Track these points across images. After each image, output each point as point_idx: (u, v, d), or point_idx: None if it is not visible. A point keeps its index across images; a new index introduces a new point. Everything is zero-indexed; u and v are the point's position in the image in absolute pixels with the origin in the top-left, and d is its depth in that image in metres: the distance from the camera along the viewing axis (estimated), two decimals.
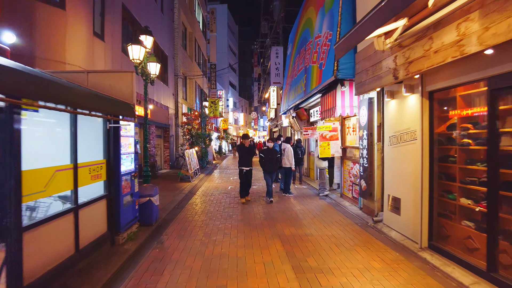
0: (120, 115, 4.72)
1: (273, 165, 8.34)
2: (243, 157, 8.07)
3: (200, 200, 8.56)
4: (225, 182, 11.87)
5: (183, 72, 19.34)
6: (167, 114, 15.67)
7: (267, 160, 8.30)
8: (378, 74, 5.07)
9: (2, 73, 2.32)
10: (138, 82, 7.39)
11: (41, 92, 2.77)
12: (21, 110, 2.76)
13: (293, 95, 11.28)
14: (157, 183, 11.12)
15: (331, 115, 7.32)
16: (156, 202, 6.07)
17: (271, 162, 8.29)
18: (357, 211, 7.00)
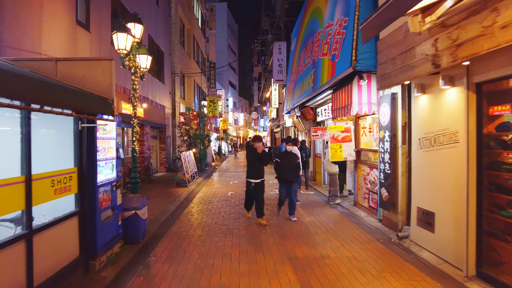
0: (96, 113, 3.83)
1: (293, 173, 6.63)
2: (253, 165, 6.42)
3: (197, 209, 7.67)
4: (225, 187, 10.98)
5: (181, 70, 18.45)
6: (163, 114, 14.79)
7: (285, 166, 6.59)
8: (409, 63, 4.19)
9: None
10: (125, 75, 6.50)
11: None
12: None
13: (298, 93, 10.40)
14: (150, 188, 10.24)
15: (345, 114, 6.44)
16: (144, 215, 5.18)
17: (290, 169, 6.60)
18: (376, 224, 6.12)
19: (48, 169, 3.20)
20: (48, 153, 3.47)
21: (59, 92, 3.03)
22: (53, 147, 3.71)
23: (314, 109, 10.59)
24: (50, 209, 3.35)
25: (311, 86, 8.43)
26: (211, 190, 10.40)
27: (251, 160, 6.48)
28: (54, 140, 3.79)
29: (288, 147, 6.92)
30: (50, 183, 3.22)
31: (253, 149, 6.41)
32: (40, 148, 3.15)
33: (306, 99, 9.18)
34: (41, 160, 3.08)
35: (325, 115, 9.48)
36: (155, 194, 9.30)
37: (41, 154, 3.16)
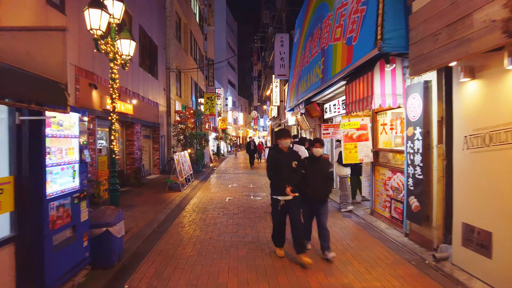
0: (42, 102, 2.81)
1: (325, 188, 4.53)
2: (278, 173, 4.33)
3: (190, 219, 6.64)
4: (223, 191, 9.95)
5: (177, 66, 17.43)
6: (157, 112, 13.76)
7: (313, 178, 4.45)
8: (462, 36, 3.17)
9: None
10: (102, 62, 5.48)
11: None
12: None
13: (303, 87, 9.39)
14: (139, 193, 9.21)
15: (363, 108, 5.42)
16: (119, 232, 4.15)
17: (321, 182, 4.49)
18: (402, 239, 5.10)
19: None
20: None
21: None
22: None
23: (321, 105, 9.58)
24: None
25: (319, 78, 7.42)
26: (207, 195, 9.37)
27: (274, 164, 4.38)
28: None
29: (316, 151, 4.64)
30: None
31: (279, 151, 4.43)
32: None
33: (313, 93, 8.16)
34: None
35: (334, 111, 8.47)
36: (143, 200, 8.28)
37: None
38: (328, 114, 9.11)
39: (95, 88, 7.78)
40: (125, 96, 9.98)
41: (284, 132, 4.51)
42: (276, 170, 4.36)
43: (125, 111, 9.74)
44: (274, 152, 4.56)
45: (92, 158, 7.72)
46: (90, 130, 7.64)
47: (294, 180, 4.28)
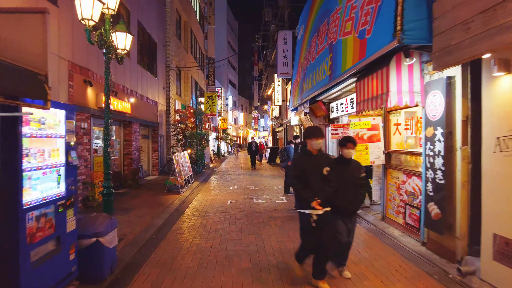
0: (17, 94, 2.42)
1: (354, 195, 3.79)
2: (306, 182, 3.45)
3: (189, 224, 6.24)
4: (224, 193, 9.55)
5: (177, 64, 17.04)
6: (156, 111, 13.36)
7: (344, 183, 3.63)
8: (502, 23, 2.77)
9: None
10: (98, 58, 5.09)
11: None
12: None
13: (308, 85, 8.99)
14: (137, 195, 8.81)
15: (377, 106, 5.02)
16: (111, 242, 3.75)
17: (353, 189, 3.75)
18: (419, 248, 4.70)
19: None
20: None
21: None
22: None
23: (326, 104, 9.18)
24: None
25: (327, 75, 7.02)
26: (208, 197, 8.97)
27: (303, 171, 3.46)
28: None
29: (348, 152, 3.80)
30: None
31: (307, 154, 3.58)
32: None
33: (319, 91, 7.76)
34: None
35: (341, 110, 8.07)
36: (141, 203, 7.87)
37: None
38: (334, 113, 8.71)
39: (90, 85, 7.39)
40: (122, 94, 9.58)
41: (315, 130, 3.58)
42: (303, 179, 3.43)
43: (122, 110, 9.34)
44: (301, 156, 3.62)
45: (87, 159, 7.32)
46: (85, 130, 7.24)
47: (326, 192, 3.41)
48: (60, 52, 6.30)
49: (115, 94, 8.86)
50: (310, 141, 3.56)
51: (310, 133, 3.57)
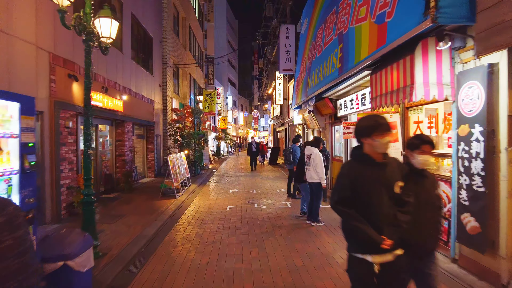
0: None
1: (432, 224, 2.46)
2: (366, 207, 2.10)
3: (184, 234, 5.58)
4: (223, 198, 8.88)
5: (174, 62, 16.37)
6: (152, 109, 12.69)
7: (417, 207, 2.31)
8: None
9: None
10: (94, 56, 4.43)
11: None
12: None
13: (314, 81, 8.33)
14: (129, 200, 8.14)
15: (399, 101, 4.35)
16: (85, 265, 3.08)
17: (427, 213, 2.41)
18: (449, 266, 4.03)
19: None
20: None
21: None
22: None
23: (333, 101, 8.51)
24: None
25: (336, 68, 6.35)
26: (206, 202, 8.30)
27: (363, 197, 2.11)
28: None
29: (423, 160, 2.46)
30: None
31: (366, 162, 2.16)
32: None
33: (327, 86, 7.10)
34: None
35: (350, 107, 7.40)
36: (132, 209, 7.21)
37: None
38: (342, 111, 8.04)
39: (76, 80, 6.72)
40: (114, 91, 8.91)
41: (379, 121, 2.15)
42: (361, 202, 2.11)
43: (114, 108, 8.68)
44: (354, 166, 2.21)
45: (72, 161, 6.65)
46: (70, 129, 6.57)
47: (400, 224, 2.13)
48: (39, 41, 5.62)
49: (105, 91, 8.19)
50: (370, 140, 2.13)
51: (370, 127, 2.14)
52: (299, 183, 6.62)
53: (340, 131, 9.32)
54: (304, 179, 6.20)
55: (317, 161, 5.80)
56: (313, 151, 5.92)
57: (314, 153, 5.88)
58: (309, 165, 5.98)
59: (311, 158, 5.87)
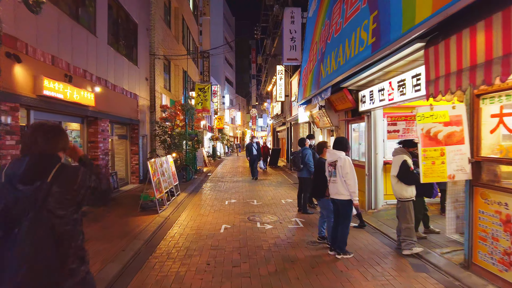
0: None
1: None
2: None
3: (158, 277, 3.92)
4: (217, 212, 7.25)
5: (165, 54, 14.72)
6: (136, 105, 11.03)
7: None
8: None
9: None
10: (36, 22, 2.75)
11: None
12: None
13: (330, 68, 6.73)
14: (100, 216, 6.46)
15: (489, 80, 2.75)
16: None
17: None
18: None
19: None
20: None
21: None
22: None
23: (354, 92, 6.90)
24: None
25: (368, 45, 4.75)
26: (195, 219, 6.66)
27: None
28: None
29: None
30: None
31: None
32: None
33: (351, 71, 5.48)
34: None
35: (379, 99, 5.79)
36: (99, 231, 5.56)
37: None
38: (366, 104, 6.43)
39: (18, 62, 5.05)
40: (82, 80, 7.26)
41: None
42: None
43: (82, 102, 7.02)
44: None
45: None
46: (9, 126, 4.90)
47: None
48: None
49: (69, 80, 6.53)
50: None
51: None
52: (318, 198, 5.00)
53: (360, 129, 7.72)
54: (326, 194, 4.59)
55: (347, 170, 4.17)
56: (339, 156, 4.29)
57: (341, 159, 4.26)
58: (333, 176, 4.35)
59: (338, 166, 4.25)
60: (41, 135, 1.70)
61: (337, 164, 4.26)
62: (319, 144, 5.22)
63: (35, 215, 1.52)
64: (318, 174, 4.93)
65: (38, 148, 1.69)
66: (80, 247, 1.73)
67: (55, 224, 1.58)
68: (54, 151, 1.74)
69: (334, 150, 4.38)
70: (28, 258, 1.47)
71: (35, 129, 1.74)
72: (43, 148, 1.69)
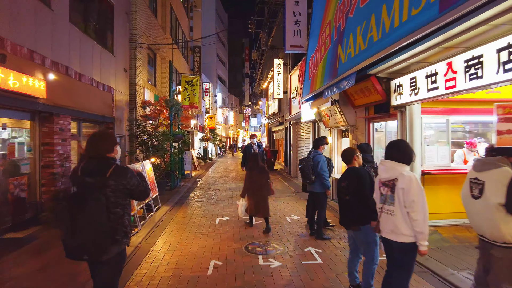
0: None
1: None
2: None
3: None
4: (204, 237, 5.60)
5: (149, 44, 12.99)
6: (110, 100, 9.29)
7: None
8: None
9: None
10: None
11: None
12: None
13: (353, 48, 5.15)
14: (48, 244, 4.75)
15: None
16: None
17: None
18: None
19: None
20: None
21: None
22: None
23: (384, 80, 5.31)
24: None
25: (431, 2, 3.16)
26: (174, 249, 4.99)
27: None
28: None
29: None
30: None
31: None
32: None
33: (394, 48, 3.89)
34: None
35: (427, 88, 4.20)
36: (39, 271, 3.87)
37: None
38: (404, 97, 4.85)
39: None
40: (27, 63, 5.54)
41: None
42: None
43: (27, 91, 5.32)
44: None
45: None
46: None
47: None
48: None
49: (1, 59, 4.80)
50: None
51: None
52: (353, 228, 3.39)
53: (387, 129, 6.16)
54: (373, 226, 2.98)
55: (414, 196, 2.55)
56: (401, 172, 2.67)
57: (405, 179, 2.62)
58: (389, 203, 2.74)
59: (398, 189, 2.63)
60: (90, 142, 2.44)
61: (397, 185, 2.65)
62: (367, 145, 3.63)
63: (97, 198, 2.23)
64: (355, 195, 3.33)
65: (90, 152, 2.40)
66: (125, 225, 2.39)
67: (109, 206, 2.29)
68: (102, 154, 2.42)
69: (393, 162, 2.76)
70: (91, 224, 2.18)
71: (89, 137, 2.52)
72: (94, 151, 2.40)
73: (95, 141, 2.45)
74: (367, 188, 3.27)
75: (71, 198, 2.29)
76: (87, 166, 2.35)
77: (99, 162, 2.38)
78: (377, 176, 2.96)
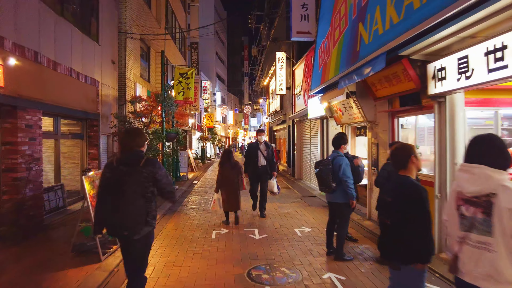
0: None
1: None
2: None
3: None
4: (197, 257, 4.59)
5: (140, 34, 11.98)
6: (95, 95, 8.27)
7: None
8: None
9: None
10: None
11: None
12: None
13: (380, 24, 4.16)
14: (4, 265, 3.73)
15: None
16: None
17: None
18: None
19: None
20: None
21: None
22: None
23: (420, 64, 4.29)
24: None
25: None
26: (159, 276, 3.98)
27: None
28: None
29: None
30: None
31: None
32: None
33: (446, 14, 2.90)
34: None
35: (488, 68, 3.20)
36: None
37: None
38: (446, 83, 3.84)
39: None
40: None
41: None
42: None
43: None
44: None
45: None
46: None
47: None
48: None
49: None
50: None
51: None
52: (390, 265, 2.37)
53: (418, 125, 5.17)
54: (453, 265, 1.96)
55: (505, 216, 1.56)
56: (501, 183, 1.67)
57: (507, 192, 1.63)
58: (482, 231, 1.73)
59: (502, 209, 1.62)
60: (125, 136, 2.80)
61: (497, 204, 1.64)
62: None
63: (132, 184, 2.53)
64: (392, 212, 2.33)
65: (126, 145, 2.70)
66: (153, 209, 2.65)
67: (142, 191, 2.55)
68: (136, 147, 2.70)
69: (482, 168, 1.75)
70: (130, 206, 2.51)
71: (124, 132, 3.04)
72: (128, 145, 2.69)
73: (133, 136, 2.75)
74: (427, 213, 2.25)
75: (110, 183, 2.60)
76: (123, 157, 2.66)
77: (133, 154, 2.67)
78: (453, 188, 1.94)
